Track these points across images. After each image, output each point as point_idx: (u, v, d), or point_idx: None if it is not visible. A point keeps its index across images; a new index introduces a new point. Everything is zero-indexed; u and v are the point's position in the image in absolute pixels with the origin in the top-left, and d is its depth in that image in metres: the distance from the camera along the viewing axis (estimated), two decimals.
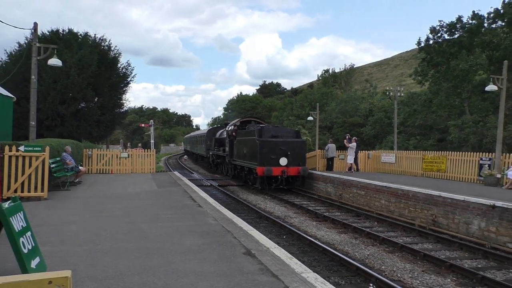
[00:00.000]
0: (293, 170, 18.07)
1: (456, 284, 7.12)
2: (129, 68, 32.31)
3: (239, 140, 20.97)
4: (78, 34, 29.58)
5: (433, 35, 36.07)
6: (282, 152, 17.90)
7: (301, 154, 18.78)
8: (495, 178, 14.54)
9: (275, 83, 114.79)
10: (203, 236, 6.78)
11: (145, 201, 10.83)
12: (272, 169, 17.49)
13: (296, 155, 18.20)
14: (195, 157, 44.83)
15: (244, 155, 19.78)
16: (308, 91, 74.12)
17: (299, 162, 18.30)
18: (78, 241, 6.36)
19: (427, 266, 8.17)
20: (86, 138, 27.67)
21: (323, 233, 10.97)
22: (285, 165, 17.81)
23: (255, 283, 4.53)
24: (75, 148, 17.05)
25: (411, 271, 7.81)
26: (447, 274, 7.65)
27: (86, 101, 28.38)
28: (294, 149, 18.19)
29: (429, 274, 7.61)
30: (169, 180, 16.48)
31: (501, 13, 32.66)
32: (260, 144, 17.81)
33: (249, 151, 18.98)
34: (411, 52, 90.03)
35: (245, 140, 19.98)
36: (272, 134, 18.85)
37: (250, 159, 18.83)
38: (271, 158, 17.69)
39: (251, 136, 19.04)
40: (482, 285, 7.05)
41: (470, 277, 7.37)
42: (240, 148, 20.56)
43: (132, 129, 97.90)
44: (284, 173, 17.73)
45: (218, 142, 27.18)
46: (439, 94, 34.84)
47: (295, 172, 18.15)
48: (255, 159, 18.04)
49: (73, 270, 1.90)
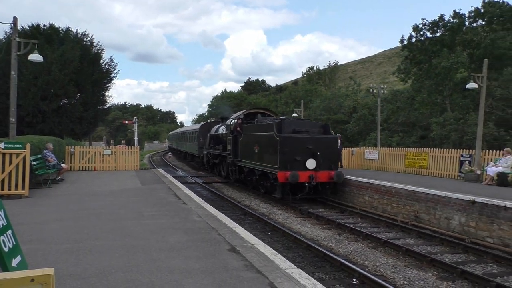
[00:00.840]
0: (324, 175, 14.20)
1: (437, 278, 7.26)
2: (112, 64, 31.85)
3: (247, 136, 17.21)
4: (59, 29, 29.05)
5: (416, 33, 36.51)
6: (309, 152, 14.02)
7: (333, 155, 15.02)
8: (475, 175, 14.83)
9: (260, 80, 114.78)
10: (187, 233, 6.77)
11: (129, 198, 10.74)
12: (299, 174, 13.63)
13: (327, 155, 14.34)
14: (183, 156, 40.79)
15: (255, 155, 15.97)
16: (292, 88, 74.38)
17: (330, 165, 14.52)
18: (60, 239, 6.29)
19: (409, 261, 8.30)
20: (68, 135, 27.26)
21: (307, 229, 11.05)
22: (313, 169, 13.99)
23: (239, 280, 4.55)
24: (57, 145, 16.80)
25: (394, 266, 7.93)
26: (428, 268, 7.79)
27: (68, 98, 27.91)
28: (325, 148, 14.33)
29: (411, 269, 7.74)
30: (153, 178, 16.37)
31: (481, 12, 33.26)
32: (281, 142, 13.88)
33: (264, 150, 15.25)
34: (395, 50, 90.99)
35: (256, 136, 16.14)
36: (294, 128, 14.74)
37: (265, 160, 15.06)
38: (296, 160, 13.81)
39: (265, 131, 15.20)
40: (462, 278, 7.20)
41: (450, 271, 7.52)
42: (249, 147, 16.67)
43: (115, 126, 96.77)
44: (312, 179, 13.85)
45: (214, 139, 23.36)
46: (422, 91, 35.31)
47: (326, 177, 14.29)
48: (274, 161, 14.22)
49: (55, 268, 1.86)
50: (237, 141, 18.22)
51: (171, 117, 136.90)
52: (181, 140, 40.35)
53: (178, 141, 43.37)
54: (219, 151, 21.52)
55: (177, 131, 50.35)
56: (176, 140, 46.64)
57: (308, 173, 13.89)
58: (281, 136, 14.06)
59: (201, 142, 27.34)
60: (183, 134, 39.46)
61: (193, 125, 46.17)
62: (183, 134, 39.46)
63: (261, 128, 15.99)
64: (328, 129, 15.51)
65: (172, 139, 53.57)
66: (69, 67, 25.93)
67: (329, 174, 14.28)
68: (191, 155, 33.89)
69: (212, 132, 24.53)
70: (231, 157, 18.89)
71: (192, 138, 31.94)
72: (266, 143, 15.00)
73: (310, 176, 13.84)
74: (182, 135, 39.82)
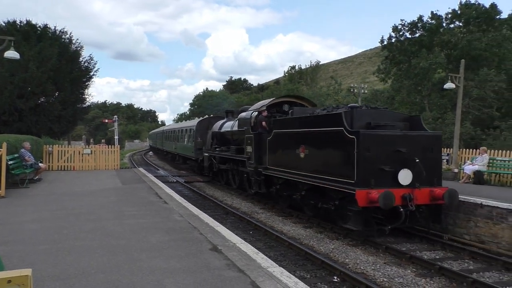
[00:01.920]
0: (425, 194, 9.09)
1: (415, 275, 7.39)
2: (91, 62, 31.51)
3: (281, 134, 12.34)
4: (37, 26, 28.55)
5: (395, 34, 37.02)
6: (402, 158, 9.02)
7: (437, 162, 9.73)
8: (452, 173, 15.16)
9: (242, 79, 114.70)
10: (169, 232, 6.73)
11: (109, 198, 10.61)
12: (394, 193, 8.47)
13: (428, 163, 9.23)
14: (170, 157, 35.63)
15: (301, 161, 10.97)
16: (274, 87, 74.51)
17: (433, 178, 9.43)
18: (38, 240, 6.17)
19: (389, 258, 8.42)
20: (46, 134, 26.76)
21: (289, 228, 11.10)
22: (409, 185, 8.95)
23: (221, 279, 4.54)
24: (34, 144, 16.48)
25: (374, 263, 8.04)
26: (408, 265, 7.93)
27: (46, 96, 27.42)
28: (424, 152, 9.28)
29: (391, 266, 7.86)
30: (134, 177, 16.20)
31: (458, 13, 33.96)
32: (360, 142, 8.74)
33: (320, 154, 10.30)
34: (375, 50, 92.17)
35: (302, 134, 11.09)
36: (369, 121, 9.64)
37: (324, 170, 10.00)
38: (383, 170, 8.84)
39: (323, 125, 10.23)
40: (440, 275, 7.35)
41: (428, 268, 7.66)
42: (286, 149, 11.97)
43: (95, 125, 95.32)
44: (409, 201, 8.72)
45: (218, 138, 19.19)
46: (401, 91, 35.86)
47: (428, 198, 9.12)
48: (345, 173, 9.08)
49: (33, 269, 1.81)
50: (262, 141, 13.52)
51: (152, 116, 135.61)
52: (169, 139, 34.69)
53: (164, 140, 37.65)
54: (229, 153, 16.89)
55: (163, 128, 44.55)
56: (160, 139, 40.88)
57: (402, 191, 8.80)
58: (360, 133, 8.78)
59: (198, 142, 22.52)
60: (171, 133, 33.32)
61: (186, 121, 38.33)
62: (171, 133, 33.32)
63: (313, 121, 10.83)
64: (420, 122, 10.15)
65: (155, 138, 48.63)
66: (47, 65, 25.48)
67: (434, 193, 9.10)
68: (183, 158, 28.55)
69: (214, 129, 20.03)
70: (252, 163, 13.96)
71: (184, 137, 27.12)
72: (326, 143, 10.06)
73: (405, 197, 8.74)
74: (171, 134, 33.80)
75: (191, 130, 25.04)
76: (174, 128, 33.16)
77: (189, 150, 25.22)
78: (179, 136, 29.19)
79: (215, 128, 19.93)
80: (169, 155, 36.28)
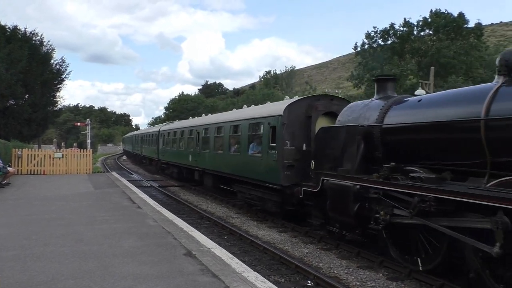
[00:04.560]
0: None
1: (387, 278, 7.52)
2: (63, 64, 31.10)
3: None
4: (6, 28, 27.95)
5: (368, 41, 37.84)
6: None
7: None
8: None
9: (217, 83, 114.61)
10: (142, 238, 6.65)
11: (80, 203, 10.40)
12: None
13: None
14: (151, 163, 28.30)
15: None
16: (250, 92, 74.80)
17: None
18: (6, 246, 5.99)
19: (362, 262, 8.54)
20: (15, 137, 26.07)
21: (264, 232, 11.12)
22: None
23: (195, 284, 4.52)
24: (2, 148, 16.02)
25: (347, 267, 8.13)
26: (379, 269, 8.06)
27: (15, 98, 26.78)
28: None
29: (363, 270, 7.98)
30: (106, 181, 15.93)
31: (429, 21, 35.00)
32: None
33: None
34: (349, 56, 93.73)
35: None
36: None
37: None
38: None
39: None
40: (411, 278, 7.50)
41: (400, 271, 7.81)
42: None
43: (66, 128, 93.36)
44: None
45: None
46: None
47: None
48: None
49: (0, 276, 1.77)
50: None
51: (126, 119, 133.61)
52: (150, 143, 26.69)
53: (147, 145, 28.96)
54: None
55: (141, 131, 36.37)
56: (137, 142, 34.01)
57: None
58: None
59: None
60: (168, 136, 22.29)
61: (179, 121, 25.84)
62: (168, 136, 22.29)
63: None
64: None
65: (131, 142, 40.86)
66: (17, 67, 24.91)
67: None
68: (178, 167, 20.18)
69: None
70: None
71: (178, 140, 19.64)
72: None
73: None
74: (170, 137, 21.81)
75: (192, 130, 17.40)
76: (170, 129, 22.25)
77: (184, 157, 17.84)
78: (171, 140, 20.80)
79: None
80: (147, 162, 28.46)
